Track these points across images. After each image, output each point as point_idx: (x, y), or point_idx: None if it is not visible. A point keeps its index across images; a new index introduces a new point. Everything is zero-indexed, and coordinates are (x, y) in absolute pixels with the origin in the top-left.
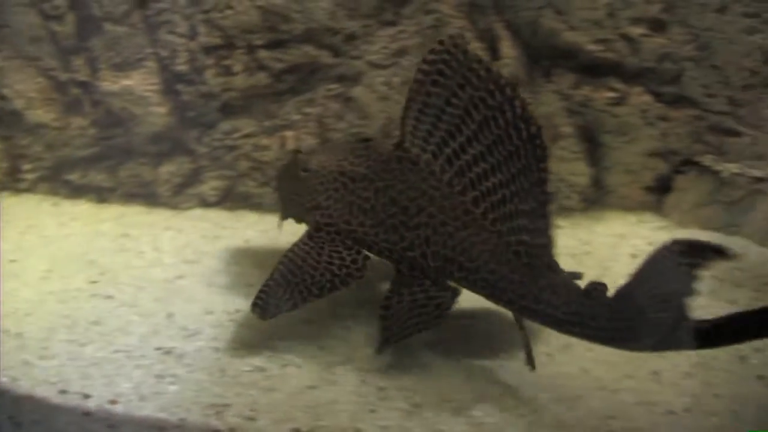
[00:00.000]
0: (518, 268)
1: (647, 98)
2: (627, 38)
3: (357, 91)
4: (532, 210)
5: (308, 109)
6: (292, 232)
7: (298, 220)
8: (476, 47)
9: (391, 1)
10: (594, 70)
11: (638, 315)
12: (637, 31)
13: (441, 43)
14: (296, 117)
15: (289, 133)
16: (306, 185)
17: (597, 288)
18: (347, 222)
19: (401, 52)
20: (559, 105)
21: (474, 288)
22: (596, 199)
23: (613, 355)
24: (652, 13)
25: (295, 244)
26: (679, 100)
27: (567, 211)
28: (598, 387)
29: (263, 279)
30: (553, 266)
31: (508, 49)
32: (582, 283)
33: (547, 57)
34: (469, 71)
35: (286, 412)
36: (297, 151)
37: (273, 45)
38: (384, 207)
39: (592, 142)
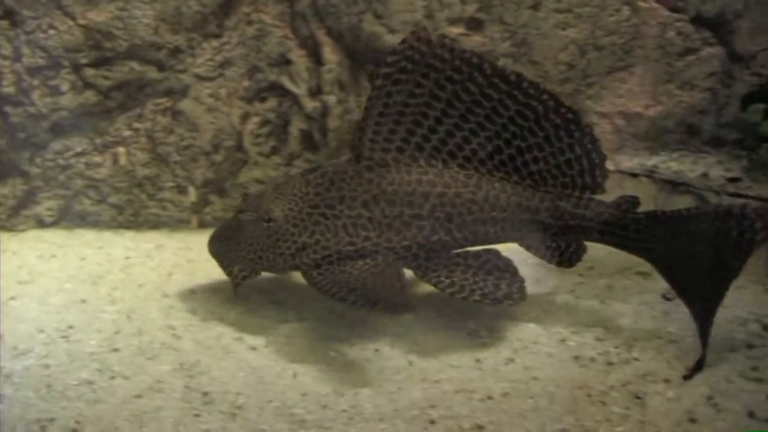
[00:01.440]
0: (544, 195)
1: None
2: (445, 38)
3: (185, 105)
4: (547, 138)
5: (138, 125)
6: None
7: (251, 273)
8: (299, 54)
9: (214, 14)
10: None
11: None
12: (455, 30)
13: (403, 41)
14: (127, 133)
15: (121, 150)
16: (275, 234)
17: (627, 201)
18: (350, 243)
19: (226, 64)
20: None
21: (511, 235)
22: None
23: (439, 346)
24: (469, 12)
25: (319, 283)
26: None
27: None
28: (421, 378)
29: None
30: (583, 183)
31: (330, 54)
32: None
33: (371, 60)
34: (433, 58)
35: (110, 422)
36: (239, 211)
37: (99, 63)
38: (384, 212)
39: None
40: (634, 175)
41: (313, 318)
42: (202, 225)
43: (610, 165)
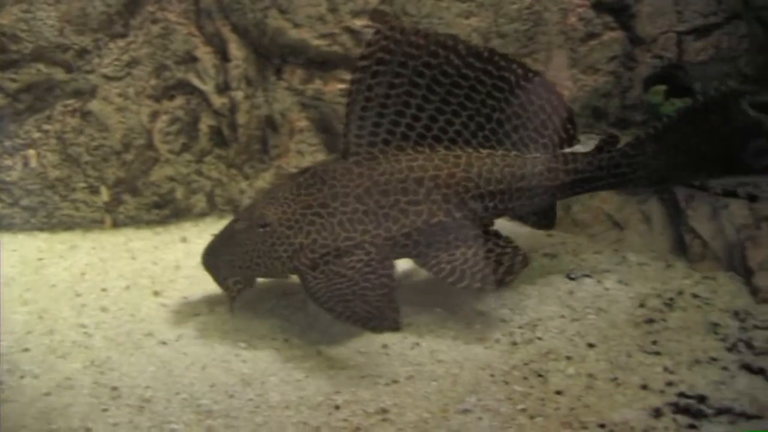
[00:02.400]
0: (534, 159)
1: None
2: (351, 31)
3: (94, 105)
4: (521, 104)
5: (48, 127)
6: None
7: (246, 283)
8: (205, 51)
9: (119, 14)
10: (323, 64)
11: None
12: (359, 23)
13: (377, 32)
14: (37, 135)
15: (31, 152)
16: (270, 239)
17: (608, 141)
18: (348, 238)
19: (133, 63)
20: (293, 100)
21: (510, 206)
22: None
23: (348, 335)
24: (373, 4)
25: (312, 288)
26: None
27: None
28: (328, 366)
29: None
30: (559, 139)
31: (236, 50)
32: None
33: (277, 55)
34: (409, 46)
35: (17, 421)
36: (234, 221)
37: (5, 66)
38: (379, 203)
39: (328, 133)
40: None
41: (225, 311)
42: (115, 224)
43: None
